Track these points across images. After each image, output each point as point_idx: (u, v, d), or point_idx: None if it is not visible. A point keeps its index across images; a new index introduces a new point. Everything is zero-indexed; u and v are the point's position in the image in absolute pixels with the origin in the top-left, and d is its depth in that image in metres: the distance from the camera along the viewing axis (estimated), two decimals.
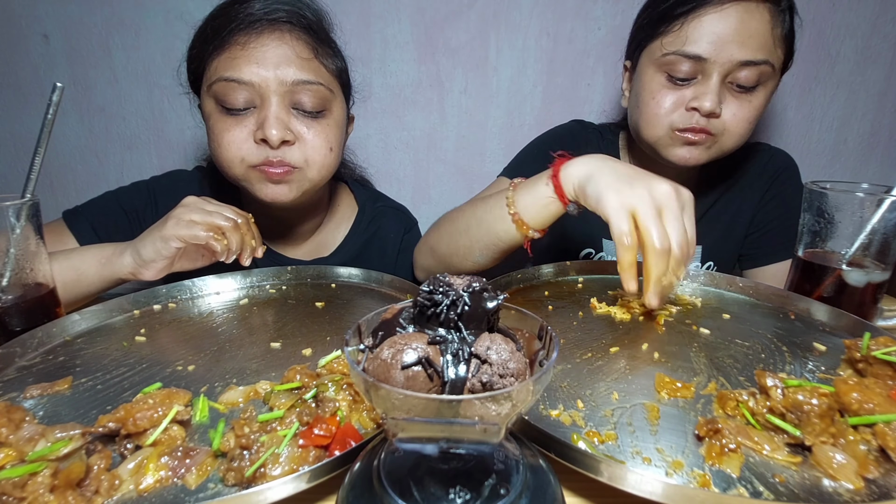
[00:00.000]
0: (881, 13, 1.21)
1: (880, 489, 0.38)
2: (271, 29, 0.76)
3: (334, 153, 0.83)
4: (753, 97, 0.83)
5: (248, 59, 0.75)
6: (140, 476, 0.39)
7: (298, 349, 0.60)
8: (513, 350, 0.30)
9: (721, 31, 0.78)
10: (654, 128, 0.87)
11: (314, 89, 0.78)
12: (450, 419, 0.27)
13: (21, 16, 1.15)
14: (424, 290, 0.31)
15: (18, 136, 1.24)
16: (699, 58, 0.80)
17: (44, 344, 0.61)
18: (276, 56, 0.75)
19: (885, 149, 1.34)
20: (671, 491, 0.35)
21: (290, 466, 0.39)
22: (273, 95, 0.76)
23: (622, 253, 0.59)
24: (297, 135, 0.78)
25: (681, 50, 0.81)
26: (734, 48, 0.78)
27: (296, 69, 0.76)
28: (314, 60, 0.79)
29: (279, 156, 0.77)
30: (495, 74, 1.24)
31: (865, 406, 0.43)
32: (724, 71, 0.80)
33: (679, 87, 0.84)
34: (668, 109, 0.85)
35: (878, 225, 0.65)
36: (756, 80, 0.81)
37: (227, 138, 0.77)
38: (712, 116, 0.82)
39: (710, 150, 0.87)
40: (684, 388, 0.50)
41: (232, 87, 0.75)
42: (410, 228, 1.08)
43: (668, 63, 0.83)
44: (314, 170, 0.81)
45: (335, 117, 0.83)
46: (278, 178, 0.79)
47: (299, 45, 0.77)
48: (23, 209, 0.60)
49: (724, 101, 0.82)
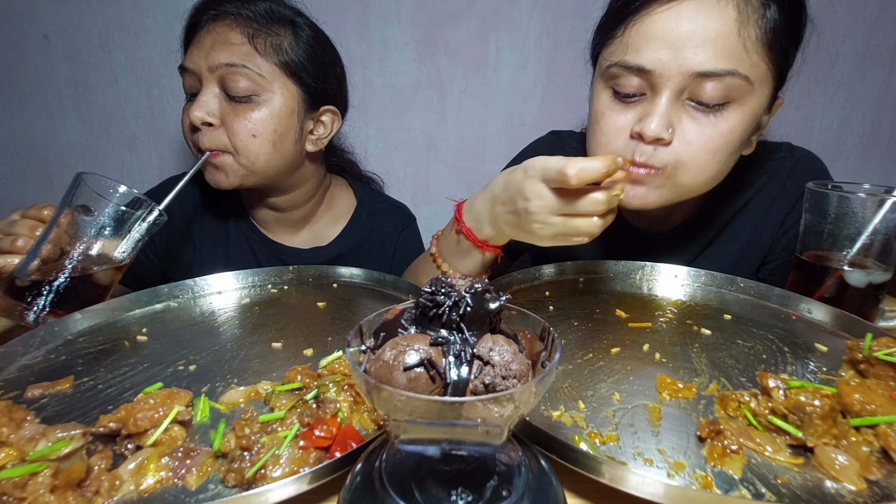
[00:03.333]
0: (881, 13, 1.21)
1: (882, 490, 0.38)
2: (217, 21, 0.83)
3: (262, 140, 0.83)
4: (722, 118, 0.63)
5: (193, 47, 0.82)
6: (141, 476, 0.39)
7: (300, 349, 0.60)
8: (515, 351, 0.30)
9: (669, 32, 0.61)
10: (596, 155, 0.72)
11: (241, 72, 0.80)
12: (452, 421, 0.27)
13: (21, 16, 1.15)
14: (426, 291, 0.31)
15: (18, 136, 1.24)
16: (642, 69, 0.63)
17: (45, 343, 0.61)
18: (211, 43, 0.81)
19: (885, 149, 1.34)
20: (673, 492, 0.35)
21: (291, 468, 0.39)
22: (205, 78, 0.81)
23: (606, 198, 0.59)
24: (222, 118, 0.82)
25: (622, 60, 0.65)
26: (686, 56, 0.61)
27: (226, 54, 0.80)
28: (246, 45, 0.81)
29: (207, 139, 0.81)
30: (495, 74, 1.24)
31: (867, 407, 0.43)
32: (677, 86, 0.62)
33: (626, 106, 0.67)
34: (611, 136, 0.68)
35: (880, 225, 0.65)
36: (723, 96, 0.62)
37: (183, 124, 0.85)
38: (660, 144, 0.64)
39: (660, 191, 0.68)
40: (686, 389, 0.50)
41: (184, 75, 0.83)
42: (408, 224, 1.10)
43: (612, 76, 0.67)
44: (243, 156, 0.83)
45: (270, 106, 0.83)
46: (213, 162, 0.83)
47: (233, 33, 0.81)
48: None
49: (678, 123, 0.64)
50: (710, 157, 0.65)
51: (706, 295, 0.76)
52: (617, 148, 0.68)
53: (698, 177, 0.67)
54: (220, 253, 0.99)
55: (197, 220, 0.99)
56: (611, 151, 0.69)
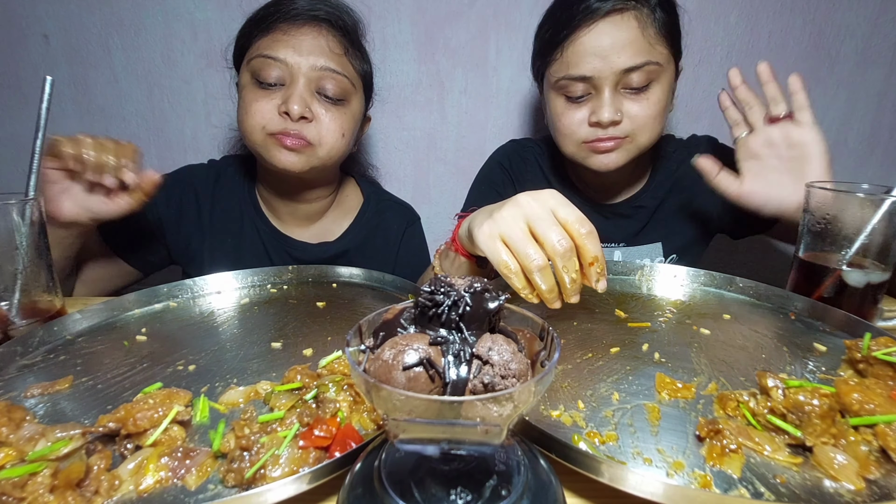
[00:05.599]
0: (881, 13, 1.21)
1: (881, 490, 0.38)
2: (311, 23, 0.88)
3: (345, 140, 0.92)
4: (650, 94, 0.85)
5: (287, 43, 0.86)
6: (140, 476, 0.39)
7: (299, 349, 0.60)
8: (514, 351, 0.30)
9: (596, 48, 0.82)
10: (567, 145, 0.92)
11: (338, 79, 0.88)
12: (451, 420, 0.27)
13: (21, 16, 1.15)
14: (426, 290, 0.31)
15: (18, 136, 1.24)
16: (584, 77, 0.84)
17: (44, 343, 0.61)
18: (310, 45, 0.86)
19: (885, 149, 1.34)
20: (672, 492, 0.35)
21: (291, 468, 0.39)
22: (301, 77, 0.86)
23: (512, 281, 0.56)
24: (316, 115, 0.87)
25: (568, 74, 0.85)
26: (612, 59, 0.81)
27: (325, 59, 0.87)
28: (343, 57, 0.89)
29: (297, 129, 0.86)
30: (495, 74, 1.24)
31: (866, 407, 0.43)
32: (612, 82, 0.83)
33: (578, 104, 0.88)
34: (574, 128, 0.89)
35: (878, 225, 0.65)
36: (646, 79, 0.84)
37: (255, 107, 0.87)
38: (615, 125, 0.86)
39: (628, 151, 0.90)
40: (685, 389, 0.50)
41: (268, 64, 0.85)
42: (413, 223, 1.13)
43: (562, 87, 0.87)
44: (324, 149, 0.90)
45: (352, 109, 0.93)
46: (292, 146, 0.87)
47: (333, 41, 0.88)
48: (27, 208, 0.61)
49: (622, 106, 0.85)
50: (652, 120, 0.87)
51: (705, 295, 0.76)
52: (582, 135, 0.89)
53: (651, 135, 0.89)
54: (231, 242, 1.01)
55: (209, 207, 1.02)
56: (577, 139, 0.90)
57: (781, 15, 1.20)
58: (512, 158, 1.10)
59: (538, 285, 0.56)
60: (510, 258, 0.56)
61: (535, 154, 1.10)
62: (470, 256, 0.71)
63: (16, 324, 0.61)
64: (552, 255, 0.55)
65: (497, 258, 0.57)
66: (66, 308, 0.68)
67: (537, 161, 1.09)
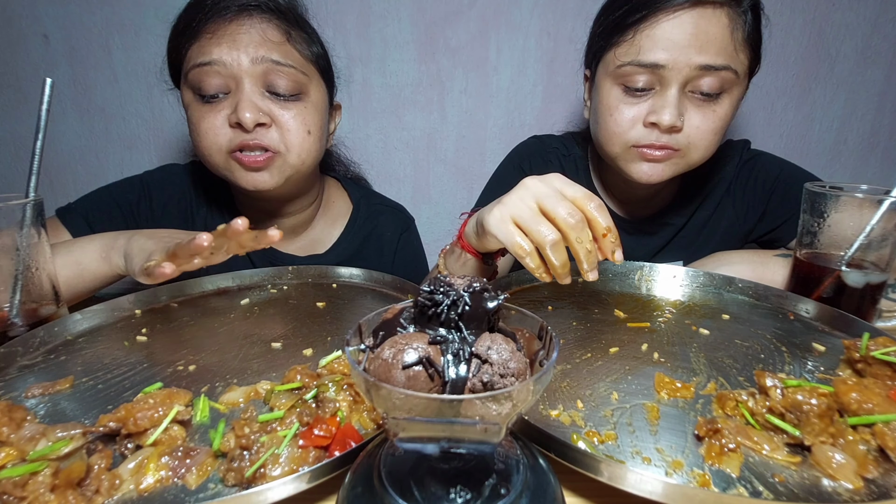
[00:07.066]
0: (881, 13, 1.21)
1: (879, 489, 0.38)
2: (241, 15, 0.77)
3: (313, 137, 0.82)
4: (718, 106, 0.77)
5: (218, 42, 0.75)
6: (140, 476, 0.39)
7: (299, 349, 0.60)
8: (513, 350, 0.30)
9: (676, 37, 0.73)
10: (612, 145, 0.83)
11: (286, 71, 0.77)
12: (451, 419, 0.27)
13: (21, 16, 1.15)
14: (425, 290, 0.31)
15: (18, 136, 1.24)
16: (655, 65, 0.75)
17: (45, 343, 0.61)
18: (246, 39, 0.76)
19: (885, 149, 1.34)
20: (671, 490, 0.35)
21: (290, 467, 0.39)
22: (245, 77, 0.76)
23: (526, 262, 0.57)
24: (273, 117, 0.78)
25: (635, 60, 0.76)
26: (692, 53, 0.73)
27: (266, 51, 0.76)
28: (286, 44, 0.78)
29: (255, 139, 0.76)
30: (495, 74, 1.24)
31: (864, 406, 0.43)
32: (683, 79, 0.75)
33: (637, 99, 0.79)
34: (626, 126, 0.80)
35: (877, 226, 0.65)
36: (719, 86, 0.76)
37: (204, 126, 0.77)
38: (674, 131, 0.78)
39: (676, 166, 0.82)
40: (684, 389, 0.50)
41: (205, 72, 0.75)
42: (408, 227, 1.07)
43: (624, 74, 0.78)
44: (293, 154, 0.80)
45: (313, 101, 0.82)
46: (258, 165, 0.78)
47: (270, 29, 0.77)
48: (27, 209, 0.61)
49: (685, 112, 0.77)
50: (712, 137, 0.79)
51: (704, 295, 0.76)
52: (632, 137, 0.80)
53: (703, 154, 0.81)
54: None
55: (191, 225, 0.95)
56: (626, 140, 0.81)
57: (781, 15, 1.20)
58: (533, 161, 1.03)
59: (551, 261, 0.57)
60: (524, 239, 0.57)
61: (558, 156, 1.03)
62: (477, 254, 0.71)
63: (16, 324, 0.61)
64: (564, 229, 0.55)
65: (511, 240, 0.57)
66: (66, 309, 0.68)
67: (560, 163, 1.02)
